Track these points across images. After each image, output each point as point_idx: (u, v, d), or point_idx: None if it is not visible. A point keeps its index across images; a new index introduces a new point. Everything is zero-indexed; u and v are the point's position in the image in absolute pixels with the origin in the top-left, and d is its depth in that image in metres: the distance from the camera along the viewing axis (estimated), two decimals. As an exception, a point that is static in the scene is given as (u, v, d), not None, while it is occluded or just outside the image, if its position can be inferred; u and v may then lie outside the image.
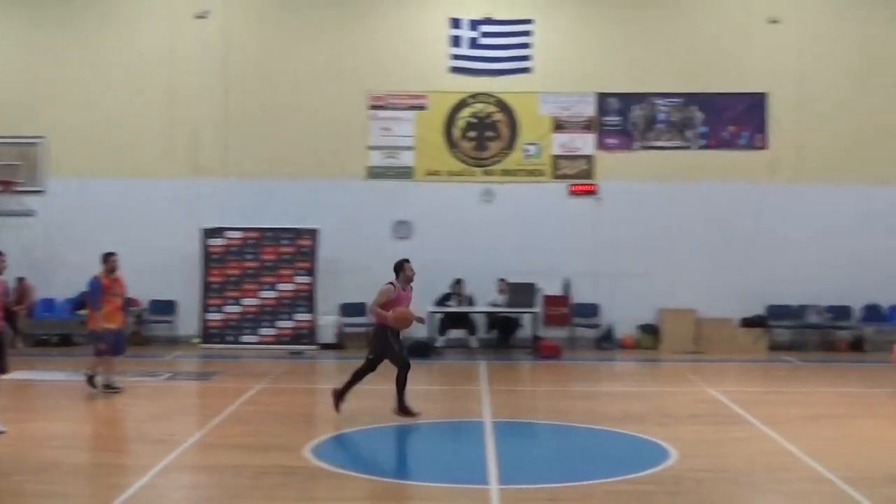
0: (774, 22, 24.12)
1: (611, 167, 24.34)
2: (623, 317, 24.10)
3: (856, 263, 23.99)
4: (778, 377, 20.65)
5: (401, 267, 15.49)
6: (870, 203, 24.15)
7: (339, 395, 15.40)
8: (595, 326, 24.25)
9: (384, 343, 15.13)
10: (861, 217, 24.16)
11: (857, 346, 23.87)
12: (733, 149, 24.33)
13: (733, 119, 24.33)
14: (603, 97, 24.42)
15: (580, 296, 24.06)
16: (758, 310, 24.04)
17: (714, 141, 24.33)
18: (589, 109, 24.44)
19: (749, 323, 23.87)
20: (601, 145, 24.42)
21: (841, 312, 24.17)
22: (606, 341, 24.02)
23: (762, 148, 24.29)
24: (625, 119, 24.35)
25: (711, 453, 13.46)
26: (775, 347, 23.80)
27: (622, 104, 24.34)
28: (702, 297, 23.93)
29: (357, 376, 15.34)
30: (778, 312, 24.15)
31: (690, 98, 24.29)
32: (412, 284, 15.53)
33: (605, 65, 24.44)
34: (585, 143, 24.46)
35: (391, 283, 15.29)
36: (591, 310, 24.30)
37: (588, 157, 24.48)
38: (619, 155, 24.34)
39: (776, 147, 24.21)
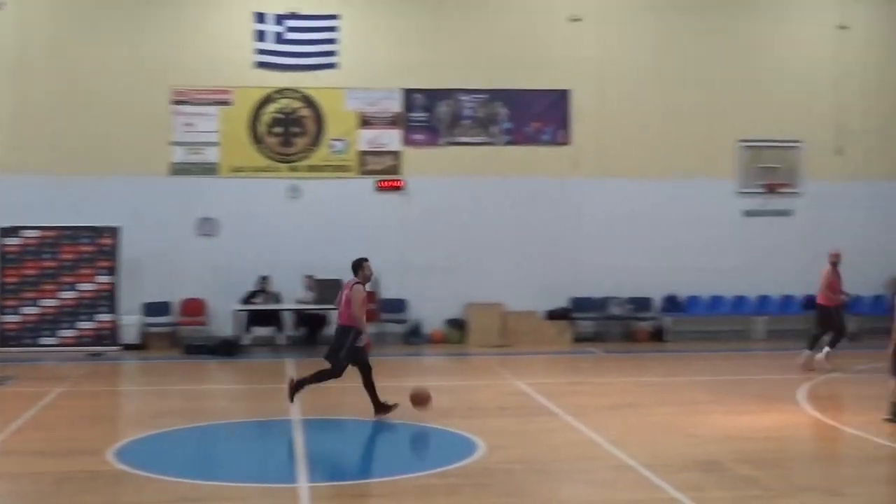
0: (576, 20, 24.58)
1: (417, 163, 24.43)
2: (431, 311, 24.22)
3: (656, 255, 24.67)
4: (582, 368, 21.06)
5: (360, 266, 15.37)
6: (669, 196, 24.85)
7: (383, 407, 15.16)
8: (403, 321, 24.30)
9: (351, 346, 14.99)
10: (661, 210, 24.84)
11: (657, 336, 24.54)
12: (537, 144, 24.70)
13: (537, 115, 24.70)
14: (409, 93, 24.48)
15: (388, 291, 24.07)
16: (562, 302, 24.48)
17: (518, 136, 24.65)
18: (395, 105, 24.47)
19: (554, 315, 24.28)
20: (407, 141, 24.48)
21: (642, 304, 24.81)
22: (414, 336, 24.11)
23: (565, 143, 24.72)
24: (431, 115, 24.47)
25: (519, 444, 13.62)
26: (579, 339, 24.28)
27: (428, 100, 24.45)
28: (508, 290, 24.23)
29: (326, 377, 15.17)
30: (582, 304, 24.64)
31: (495, 94, 24.55)
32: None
33: (410, 61, 24.51)
34: (392, 138, 24.48)
35: (359, 283, 15.20)
36: (398, 305, 24.34)
37: (395, 153, 24.52)
38: (426, 150, 24.45)
39: (578, 142, 24.68)
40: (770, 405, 16.48)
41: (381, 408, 15.14)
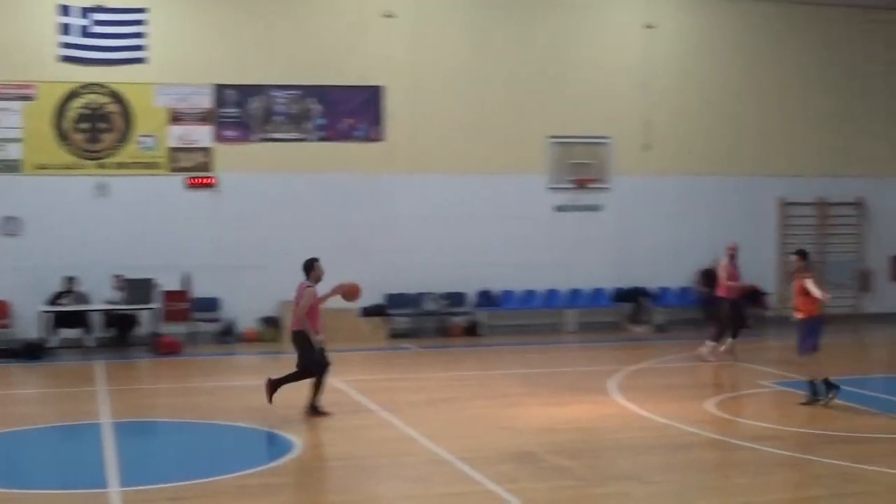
0: (389, 16, 24.61)
1: (229, 159, 24.08)
2: (245, 310, 23.92)
3: (469, 251, 24.89)
4: (398, 364, 21.11)
5: (311, 267, 15.47)
6: (482, 191, 25.10)
7: (314, 410, 15.16)
8: (216, 320, 23.95)
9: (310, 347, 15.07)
10: (474, 205, 25.07)
11: (471, 330, 24.76)
12: (350, 140, 24.64)
13: (350, 111, 24.64)
14: (220, 89, 24.11)
15: (200, 290, 23.67)
16: (377, 299, 24.48)
17: (332, 133, 24.55)
18: (206, 101, 24.07)
19: (369, 312, 24.27)
20: (219, 137, 24.11)
21: (456, 299, 25.00)
22: (228, 335, 23.79)
23: (378, 140, 24.73)
24: (242, 111, 24.16)
25: (336, 442, 13.59)
26: (395, 335, 24.34)
27: (240, 96, 24.13)
28: (323, 287, 24.01)
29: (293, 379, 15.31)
30: (397, 301, 24.69)
31: (308, 90, 24.39)
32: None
33: (222, 56, 24.14)
34: (203, 135, 24.08)
35: (309, 285, 15.24)
36: (211, 304, 23.98)
37: (206, 150, 24.11)
38: (238, 147, 24.13)
39: (392, 138, 24.72)
40: (582, 396, 16.82)
41: (314, 410, 15.13)
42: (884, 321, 26.56)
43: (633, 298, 25.66)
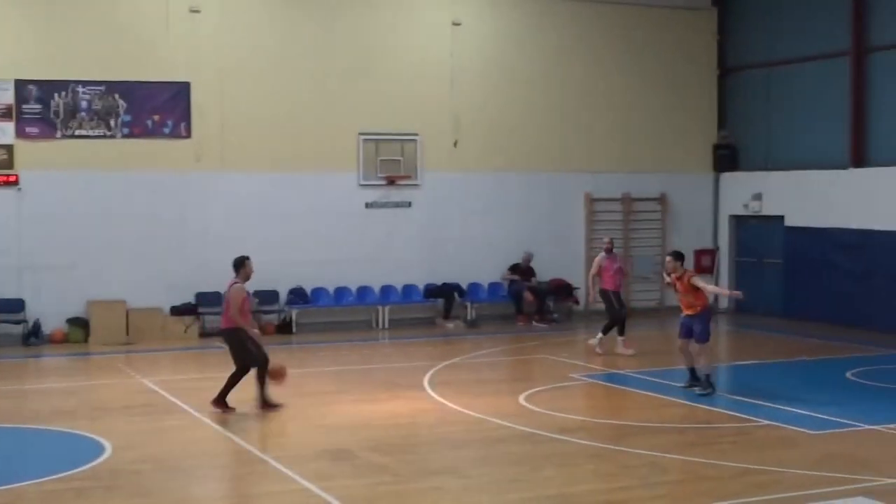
0: (195, 11, 24.21)
1: (33, 157, 23.30)
2: (51, 311, 23.18)
3: (281, 248, 24.65)
4: (210, 364, 20.76)
5: (241, 264, 15.64)
6: (293, 189, 24.87)
7: (266, 404, 15.36)
8: (21, 322, 23.18)
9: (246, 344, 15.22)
10: (285, 202, 24.83)
11: (284, 328, 24.58)
12: (158, 137, 24.14)
13: (157, 108, 24.13)
14: (22, 84, 23.30)
15: (3, 291, 22.90)
16: (188, 298, 24.08)
17: (138, 130, 24.00)
18: (6, 97, 23.23)
19: (178, 311, 23.85)
20: (21, 134, 23.30)
21: (268, 297, 24.76)
22: (34, 337, 23.05)
23: (186, 137, 24.30)
24: (46, 107, 23.41)
25: (147, 444, 13.35)
26: (207, 334, 23.94)
27: (43, 92, 23.36)
28: (131, 287, 23.57)
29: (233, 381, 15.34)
30: (208, 299, 24.29)
31: (113, 86, 23.77)
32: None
33: (23, 51, 23.34)
34: (4, 132, 23.24)
35: (237, 282, 15.38)
36: (15, 305, 23.19)
37: (7, 147, 23.27)
38: (42, 144, 23.37)
39: (200, 135, 24.32)
40: (397, 392, 16.91)
41: (266, 404, 15.36)
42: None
43: (444, 294, 25.87)
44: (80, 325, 23.10)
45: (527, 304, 25.89)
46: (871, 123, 25.17)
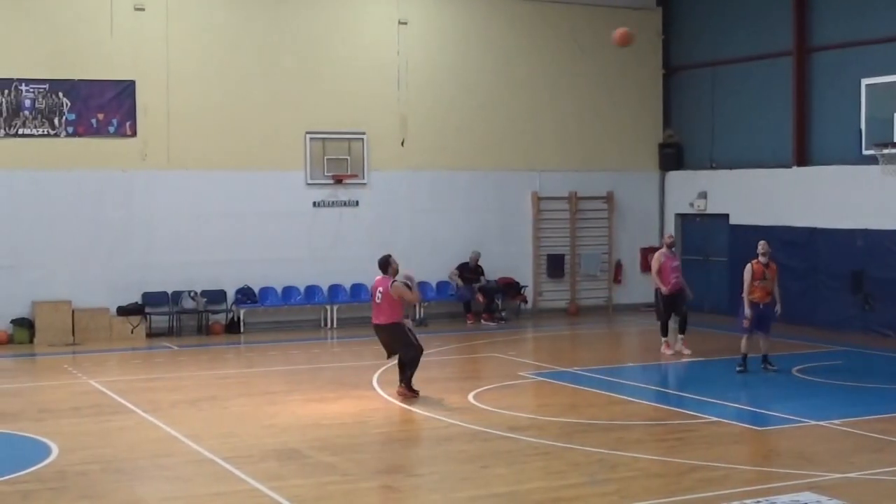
0: (140, 10, 24.02)
1: (-26, 155, 23.07)
2: (-7, 312, 22.96)
3: (228, 247, 24.54)
4: (158, 364, 20.67)
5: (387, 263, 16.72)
6: (240, 188, 24.76)
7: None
8: (-38, 324, 22.91)
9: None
10: (232, 202, 24.72)
11: (232, 328, 24.45)
12: (103, 136, 23.93)
13: (102, 106, 23.92)
14: (-37, 81, 23.06)
15: (-56, 292, 22.64)
16: (135, 298, 23.89)
17: (83, 128, 23.77)
18: (-53, 94, 22.98)
19: (125, 311, 23.66)
20: (-37, 132, 23.05)
21: (216, 296, 24.63)
22: (-25, 339, 22.80)
23: (132, 135, 24.10)
24: (-12, 105, 23.15)
25: (95, 445, 13.25)
26: (154, 334, 23.79)
27: (-16, 89, 23.12)
28: (77, 287, 23.35)
29: None
30: (154, 299, 24.13)
31: (57, 84, 23.53)
32: None
33: (-37, 47, 23.11)
34: (-55, 129, 22.97)
35: (392, 279, 16.36)
36: (-43, 306, 22.93)
37: (-52, 145, 23.01)
38: (-17, 142, 23.12)
39: (146, 134, 24.14)
40: (345, 392, 16.90)
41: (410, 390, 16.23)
42: (634, 312, 27.59)
43: (393, 293, 25.84)
44: (25, 326, 22.85)
45: (476, 303, 25.95)
46: (814, 122, 25.45)
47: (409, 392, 16.18)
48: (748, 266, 18.64)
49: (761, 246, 18.68)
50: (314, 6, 25.61)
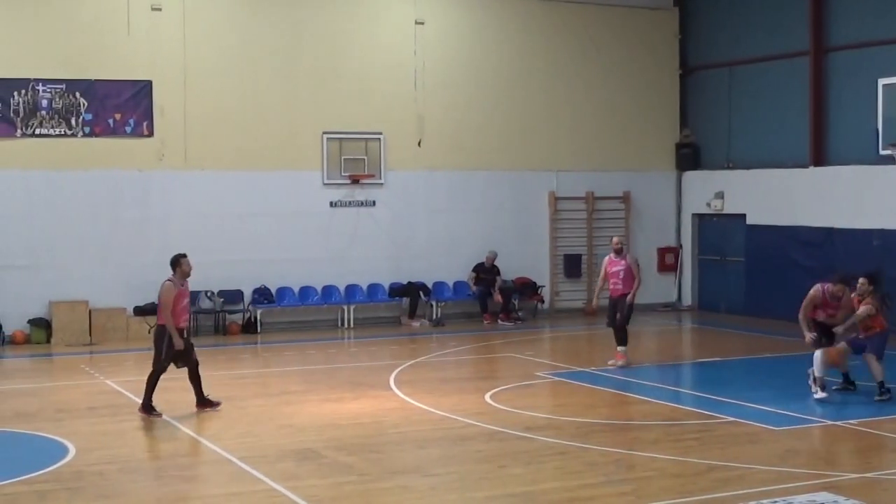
0: (157, 9, 24.07)
1: (-8, 155, 23.16)
2: (12, 312, 22.98)
3: (245, 247, 24.57)
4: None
5: (177, 262, 15.69)
6: (257, 187, 24.81)
7: (149, 408, 14.98)
8: (-19, 323, 23.00)
9: (169, 343, 15.11)
10: (249, 202, 24.74)
11: (249, 328, 24.50)
12: (120, 136, 24.00)
13: (118, 106, 23.99)
14: (-20, 82, 23.15)
15: (-37, 292, 22.74)
16: (151, 298, 23.80)
17: (100, 128, 23.85)
18: (-35, 95, 23.07)
19: (142, 311, 23.70)
20: (-20, 133, 23.13)
21: (232, 297, 24.68)
22: (-6, 338, 22.89)
23: (149, 135, 24.17)
24: (6, 105, 23.21)
25: (112, 445, 13.28)
26: (169, 334, 23.82)
27: (2, 90, 23.14)
28: (94, 287, 23.43)
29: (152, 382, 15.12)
30: (171, 299, 24.17)
31: (74, 84, 23.60)
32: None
33: (-19, 48, 23.20)
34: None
35: (171, 280, 15.49)
36: (-25, 306, 23.02)
37: (-34, 146, 23.10)
38: (1, 143, 23.19)
39: (163, 134, 24.20)
40: (362, 392, 16.90)
41: (204, 403, 15.46)
42: (651, 312, 27.53)
43: (409, 293, 25.87)
44: (42, 326, 22.94)
45: (494, 303, 25.95)
46: (831, 122, 25.36)
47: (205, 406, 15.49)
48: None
49: (861, 285, 16.40)
50: (331, 6, 25.64)
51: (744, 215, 27.10)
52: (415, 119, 26.21)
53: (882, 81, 22.22)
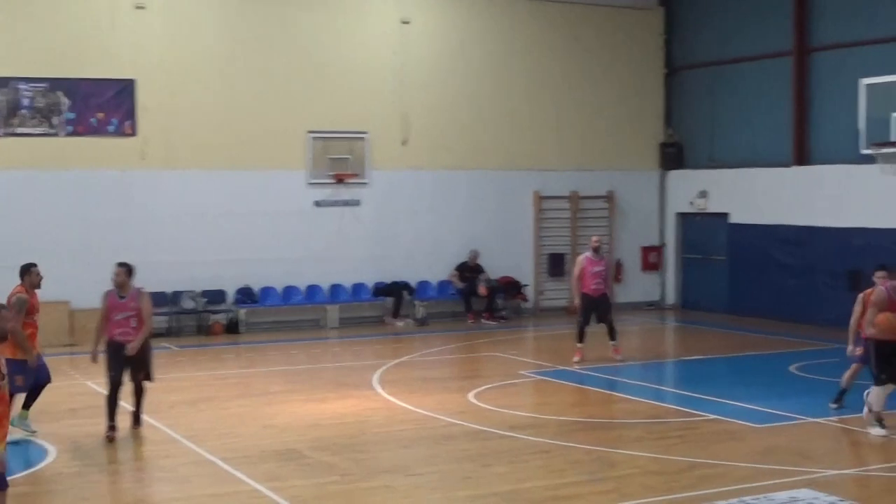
0: (140, 8, 24.00)
1: (-27, 155, 23.06)
2: (-7, 312, 22.89)
3: (229, 247, 24.53)
4: (156, 364, 20.44)
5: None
6: (240, 187, 24.74)
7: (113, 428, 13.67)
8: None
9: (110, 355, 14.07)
10: (232, 201, 24.70)
11: (232, 328, 24.43)
12: (102, 135, 23.92)
13: (101, 105, 23.91)
14: (-38, 81, 23.05)
15: (-56, 292, 22.60)
16: (133, 298, 23.83)
17: (82, 128, 23.76)
18: (-53, 94, 22.98)
19: (125, 312, 23.63)
20: (-38, 132, 23.05)
21: (215, 297, 24.62)
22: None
23: (131, 135, 24.09)
24: (-14, 105, 23.14)
25: (92, 446, 13.23)
26: (153, 335, 23.62)
27: (-17, 89, 23.12)
28: (75, 287, 23.31)
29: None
30: (154, 300, 23.98)
31: (56, 83, 23.52)
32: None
33: (-37, 47, 23.10)
34: (-56, 130, 22.96)
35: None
36: (-43, 307, 22.88)
37: (-52, 145, 23.02)
38: (-17, 142, 23.12)
39: (146, 133, 24.11)
40: (346, 392, 16.88)
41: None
42: (635, 310, 27.56)
43: (393, 293, 25.85)
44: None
45: (478, 299, 25.93)
46: (814, 122, 25.42)
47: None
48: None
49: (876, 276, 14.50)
50: (316, 5, 25.60)
51: (727, 214, 27.16)
52: (399, 119, 26.19)
53: (864, 81, 22.34)
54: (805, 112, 25.48)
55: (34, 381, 13.89)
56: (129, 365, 14.13)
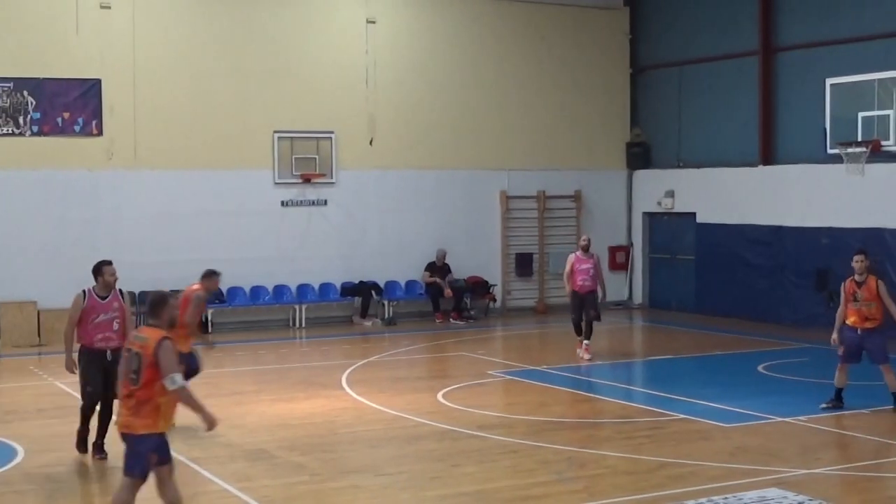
0: (106, 7, 23.88)
1: (-62, 155, 22.89)
2: (-42, 313, 22.78)
3: (196, 247, 24.39)
4: (124, 364, 20.54)
5: (99, 270, 12.98)
6: (208, 187, 24.64)
7: (84, 443, 12.77)
8: (-73, 325, 22.71)
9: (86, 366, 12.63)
10: (200, 201, 24.59)
11: (200, 328, 24.25)
12: (69, 135, 23.80)
13: (67, 105, 23.78)
14: (-74, 80, 22.87)
15: None
16: (99, 298, 23.71)
17: (48, 127, 23.62)
18: (-89, 93, 22.78)
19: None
20: (-74, 132, 22.87)
21: (183, 296, 24.49)
22: (-60, 340, 22.61)
23: (98, 134, 23.97)
24: (-49, 104, 22.98)
25: (61, 447, 13.14)
26: (119, 335, 23.65)
27: (-52, 88, 22.96)
28: (43, 287, 23.17)
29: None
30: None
31: (22, 83, 23.36)
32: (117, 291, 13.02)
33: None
34: None
35: (86, 289, 12.94)
36: (-79, 307, 22.73)
37: (-88, 145, 22.81)
38: (-53, 142, 22.95)
39: (112, 133, 23.99)
40: (315, 391, 16.87)
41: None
42: (602, 310, 27.57)
43: (361, 292, 25.82)
44: (-6, 329, 22.69)
45: (445, 299, 25.94)
46: (780, 121, 25.60)
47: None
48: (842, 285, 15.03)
49: (858, 262, 14.79)
50: (282, 5, 25.54)
51: (694, 214, 27.29)
52: (366, 118, 26.17)
53: (829, 81, 22.47)
54: (771, 112, 25.64)
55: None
56: (110, 376, 12.22)
